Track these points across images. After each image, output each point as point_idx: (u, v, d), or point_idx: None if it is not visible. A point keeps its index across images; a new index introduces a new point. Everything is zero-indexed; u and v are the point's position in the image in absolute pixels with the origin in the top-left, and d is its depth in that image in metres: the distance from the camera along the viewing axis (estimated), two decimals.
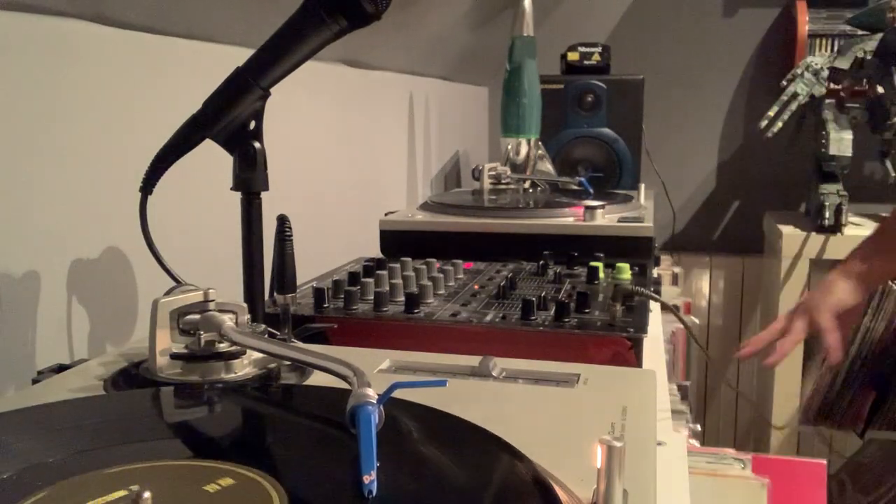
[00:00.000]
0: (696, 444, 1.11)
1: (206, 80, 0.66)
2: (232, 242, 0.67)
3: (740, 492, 1.03)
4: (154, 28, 0.82)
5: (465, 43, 1.91)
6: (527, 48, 1.50)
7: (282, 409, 0.53)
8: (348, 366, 0.48)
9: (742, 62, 2.39)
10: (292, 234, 0.66)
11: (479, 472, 0.40)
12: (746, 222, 2.43)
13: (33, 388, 0.58)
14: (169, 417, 0.51)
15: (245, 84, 0.64)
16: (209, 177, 0.79)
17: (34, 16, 0.67)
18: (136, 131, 0.78)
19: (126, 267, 0.78)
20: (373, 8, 0.62)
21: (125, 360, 0.61)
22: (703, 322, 2.43)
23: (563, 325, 0.74)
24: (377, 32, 0.74)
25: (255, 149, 0.65)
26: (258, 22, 0.75)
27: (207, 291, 0.58)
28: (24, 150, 0.66)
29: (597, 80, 1.84)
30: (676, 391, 0.92)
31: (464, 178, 2.11)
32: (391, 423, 0.43)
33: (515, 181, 1.45)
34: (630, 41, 2.36)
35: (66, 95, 0.71)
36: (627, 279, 0.93)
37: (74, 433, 0.44)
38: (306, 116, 1.17)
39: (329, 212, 1.25)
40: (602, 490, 0.36)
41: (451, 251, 1.03)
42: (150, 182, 0.67)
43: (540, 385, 0.58)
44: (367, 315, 0.78)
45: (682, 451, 0.60)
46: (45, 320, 0.69)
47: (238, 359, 0.57)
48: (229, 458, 0.40)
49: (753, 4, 2.38)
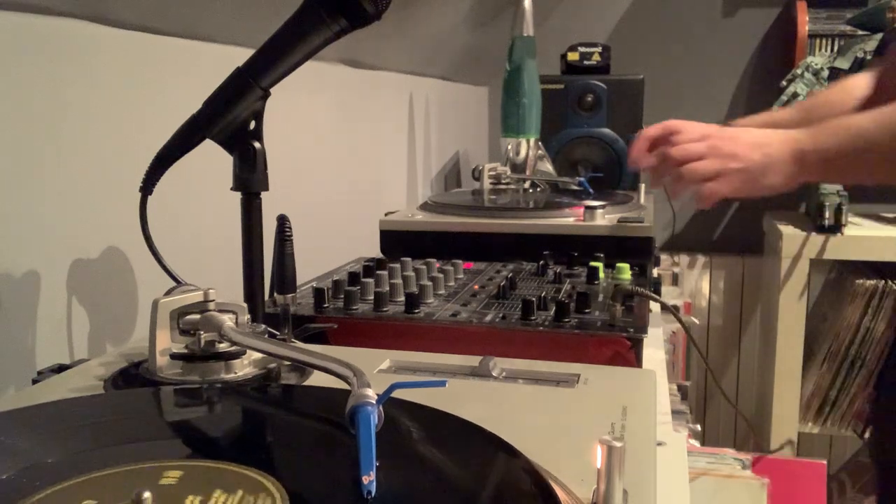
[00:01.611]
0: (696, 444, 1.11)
1: (206, 80, 0.66)
2: (232, 242, 0.67)
3: (740, 492, 1.03)
4: (154, 28, 0.82)
5: (465, 43, 1.91)
6: (527, 48, 1.50)
7: (282, 409, 0.53)
8: (348, 366, 0.48)
9: (742, 62, 2.40)
10: (292, 234, 0.66)
11: (478, 472, 0.40)
12: (746, 222, 2.43)
13: (33, 388, 0.58)
14: (169, 417, 0.51)
15: (245, 84, 0.64)
16: (209, 177, 0.79)
17: (34, 16, 0.67)
18: (136, 131, 0.78)
19: (126, 267, 0.78)
20: (373, 8, 0.62)
21: (125, 360, 0.61)
22: (703, 322, 2.43)
23: (563, 325, 0.74)
24: (377, 32, 0.74)
25: (255, 149, 0.65)
26: (258, 22, 0.75)
27: (207, 291, 0.58)
28: (23, 150, 0.66)
29: (597, 80, 1.84)
30: (676, 391, 0.92)
31: (464, 178, 2.11)
32: (391, 424, 0.43)
33: (515, 181, 1.45)
34: (630, 41, 2.36)
35: (66, 95, 0.71)
36: (627, 279, 0.93)
37: (74, 433, 0.44)
38: (306, 116, 1.17)
39: (329, 212, 1.25)
40: (602, 490, 0.36)
41: (451, 251, 1.03)
42: (150, 182, 0.67)
43: (540, 385, 0.58)
44: (367, 315, 0.78)
45: (682, 451, 0.60)
46: (45, 320, 0.69)
47: (238, 359, 0.57)
48: (229, 458, 0.40)
49: (753, 4, 2.38)
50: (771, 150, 0.91)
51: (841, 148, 0.88)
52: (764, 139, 0.93)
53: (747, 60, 2.39)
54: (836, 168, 0.90)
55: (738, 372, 2.45)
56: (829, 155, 0.89)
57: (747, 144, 0.92)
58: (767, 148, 0.91)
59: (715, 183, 0.92)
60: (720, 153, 0.92)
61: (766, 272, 2.28)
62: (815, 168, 0.90)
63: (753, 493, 1.03)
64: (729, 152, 0.92)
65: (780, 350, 1.92)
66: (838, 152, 0.89)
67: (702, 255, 2.42)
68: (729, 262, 2.41)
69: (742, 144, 0.92)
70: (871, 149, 0.87)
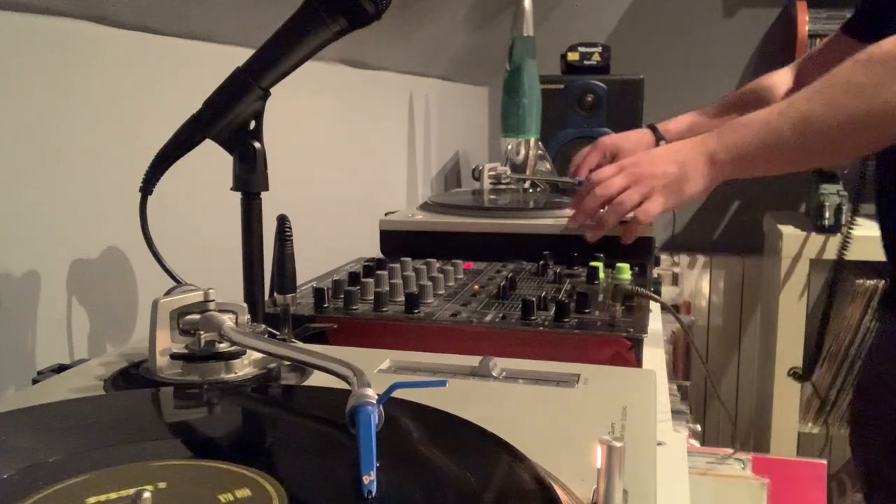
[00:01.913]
0: (696, 444, 1.11)
1: (206, 80, 0.66)
2: (232, 242, 0.67)
3: (740, 492, 1.03)
4: (154, 28, 0.82)
5: (465, 43, 1.91)
6: (527, 48, 1.50)
7: (282, 409, 0.53)
8: (348, 366, 0.48)
9: (742, 62, 2.40)
10: (292, 234, 0.66)
11: (478, 472, 0.40)
12: (746, 222, 2.43)
13: (33, 388, 0.58)
14: (169, 417, 0.51)
15: (245, 84, 0.64)
16: (209, 177, 0.79)
17: (34, 16, 0.67)
18: (136, 131, 0.78)
19: (126, 267, 0.78)
20: (373, 8, 0.62)
21: (125, 360, 0.61)
22: (703, 322, 2.43)
23: (563, 325, 0.74)
24: (377, 32, 0.74)
25: (255, 149, 0.65)
26: (258, 22, 0.75)
27: (207, 291, 0.58)
28: (23, 150, 0.66)
29: (597, 80, 1.84)
30: (676, 391, 0.92)
31: (464, 178, 2.11)
32: (391, 424, 0.43)
33: (515, 181, 1.45)
34: (630, 41, 2.36)
35: (66, 95, 0.71)
36: (627, 279, 0.93)
37: (74, 433, 0.44)
38: (306, 116, 1.17)
39: (329, 212, 1.25)
40: (602, 490, 0.36)
41: (451, 251, 1.03)
42: (150, 182, 0.67)
43: (540, 385, 0.58)
44: (367, 315, 0.78)
45: (682, 451, 0.60)
46: (45, 320, 0.69)
47: (238, 359, 0.57)
48: (229, 459, 0.40)
49: (753, 4, 2.38)
50: (684, 157, 0.95)
51: (749, 142, 0.91)
52: (675, 150, 0.97)
53: (747, 60, 2.39)
54: (748, 162, 0.92)
55: (738, 372, 2.45)
56: (739, 151, 0.92)
57: (661, 160, 0.97)
58: (680, 157, 0.96)
59: (645, 205, 0.97)
60: (639, 178, 0.97)
61: (766, 272, 2.28)
62: (728, 166, 0.93)
63: (753, 493, 1.03)
64: (647, 173, 0.97)
65: (780, 350, 1.92)
66: (747, 147, 0.91)
67: (702, 255, 2.42)
68: (729, 262, 2.41)
69: (657, 162, 0.97)
70: (778, 140, 0.89)
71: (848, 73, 0.84)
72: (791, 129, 0.88)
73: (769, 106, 0.91)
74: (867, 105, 0.83)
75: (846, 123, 0.85)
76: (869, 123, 0.84)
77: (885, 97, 0.81)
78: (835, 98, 0.85)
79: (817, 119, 0.86)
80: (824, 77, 0.87)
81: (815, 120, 0.86)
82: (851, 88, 0.84)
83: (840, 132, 0.86)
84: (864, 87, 0.83)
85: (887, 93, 0.81)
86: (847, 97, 0.84)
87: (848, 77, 0.84)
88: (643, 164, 0.98)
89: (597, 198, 1.00)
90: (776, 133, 0.89)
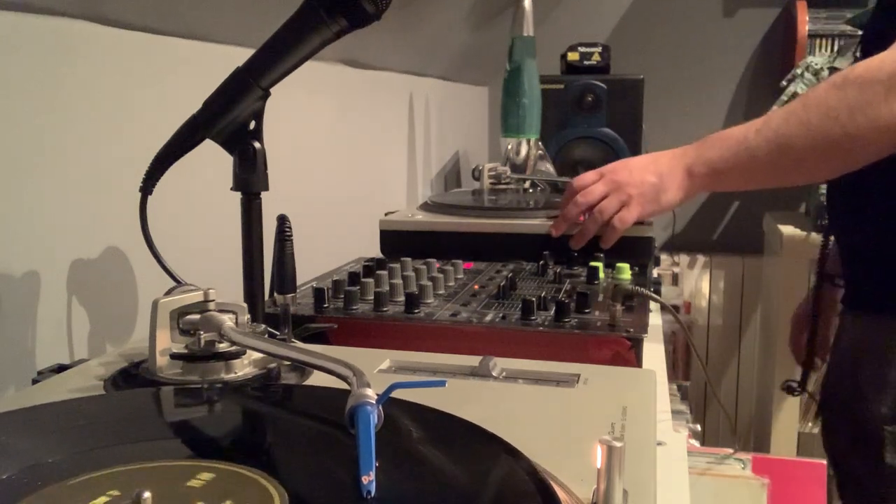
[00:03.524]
0: (696, 444, 1.11)
1: (206, 80, 0.66)
2: (232, 242, 0.67)
3: (740, 492, 1.03)
4: (154, 28, 0.82)
5: (465, 43, 1.91)
6: (527, 48, 1.50)
7: (282, 409, 0.53)
8: (348, 366, 0.48)
9: (742, 62, 2.40)
10: (292, 234, 0.66)
11: (478, 472, 0.40)
12: (746, 222, 2.43)
13: (33, 388, 0.58)
14: (169, 417, 0.51)
15: (245, 84, 0.64)
16: (209, 177, 0.79)
17: (34, 16, 0.67)
18: (136, 131, 0.78)
19: (126, 267, 0.78)
20: (373, 8, 0.62)
21: (125, 360, 0.61)
22: (703, 322, 2.43)
23: (563, 325, 0.74)
24: (377, 32, 0.74)
25: (255, 149, 0.65)
26: (258, 22, 0.75)
27: (207, 291, 0.58)
28: (23, 149, 0.66)
29: (597, 80, 1.84)
30: (676, 391, 0.92)
31: (464, 178, 2.11)
32: (390, 423, 0.43)
33: (515, 181, 1.45)
34: (630, 41, 2.36)
35: (66, 95, 0.71)
36: (627, 279, 0.93)
37: (74, 433, 0.44)
38: (306, 116, 1.17)
39: (329, 212, 1.25)
40: (602, 490, 0.36)
41: (451, 251, 1.03)
42: (150, 182, 0.67)
43: (540, 385, 0.58)
44: (367, 315, 0.78)
45: (682, 451, 0.60)
46: (45, 320, 0.69)
47: (238, 359, 0.57)
48: (229, 458, 0.40)
49: (753, 4, 2.38)
50: (662, 168, 0.97)
51: (726, 158, 0.93)
52: (652, 160, 0.99)
53: (747, 60, 2.39)
54: (723, 177, 0.94)
55: (738, 372, 2.45)
56: (715, 166, 0.93)
57: (639, 169, 0.99)
58: (659, 167, 0.97)
59: (622, 212, 0.99)
60: (618, 185, 1.00)
61: (766, 272, 2.28)
62: (704, 179, 0.95)
63: (753, 493, 1.03)
64: (624, 181, 0.99)
65: (780, 350, 1.91)
66: (723, 163, 0.93)
67: (702, 255, 2.42)
68: (729, 262, 2.41)
69: (635, 170, 0.99)
70: (752, 159, 0.90)
71: (822, 96, 0.85)
72: (766, 149, 0.89)
73: (744, 124, 0.93)
74: (840, 129, 0.83)
75: (819, 146, 0.86)
76: (842, 146, 0.85)
77: (858, 121, 0.82)
78: (809, 120, 0.86)
79: (791, 140, 0.87)
80: (801, 97, 0.89)
81: (788, 141, 0.87)
82: (825, 111, 0.84)
83: (813, 154, 0.87)
84: (837, 111, 0.83)
85: (860, 117, 0.82)
86: (821, 120, 0.85)
87: (822, 100, 0.85)
88: (622, 172, 1.00)
89: (578, 205, 1.02)
90: (751, 151, 0.90)
